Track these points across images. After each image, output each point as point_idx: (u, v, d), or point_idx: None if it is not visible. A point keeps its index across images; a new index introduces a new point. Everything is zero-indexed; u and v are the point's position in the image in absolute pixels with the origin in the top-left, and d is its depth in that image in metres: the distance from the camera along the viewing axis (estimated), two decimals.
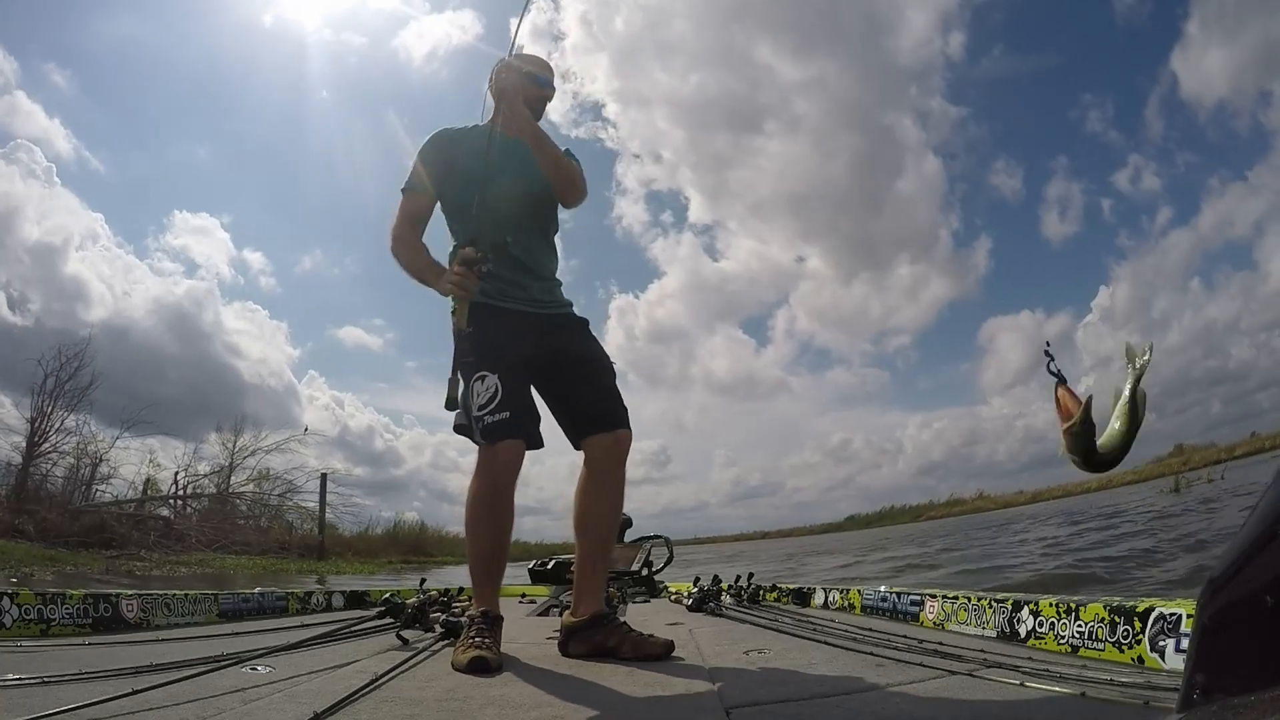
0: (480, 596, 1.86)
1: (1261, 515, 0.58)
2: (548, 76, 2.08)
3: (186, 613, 2.63)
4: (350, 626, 2.17)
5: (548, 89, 2.07)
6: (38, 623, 2.11)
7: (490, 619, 1.79)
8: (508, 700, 1.31)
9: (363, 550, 17.56)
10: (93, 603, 2.28)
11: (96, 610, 2.28)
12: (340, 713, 1.16)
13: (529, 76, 1.97)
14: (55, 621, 2.16)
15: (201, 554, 12.65)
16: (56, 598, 2.19)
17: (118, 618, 2.34)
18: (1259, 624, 0.56)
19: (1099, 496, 22.55)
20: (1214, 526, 7.23)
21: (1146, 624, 1.46)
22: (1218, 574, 0.62)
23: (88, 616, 2.25)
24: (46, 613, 2.14)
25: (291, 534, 16.36)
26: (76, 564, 9.66)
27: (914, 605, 2.41)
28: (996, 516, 24.90)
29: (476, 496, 1.83)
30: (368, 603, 3.40)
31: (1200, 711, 0.60)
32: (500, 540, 1.88)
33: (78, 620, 2.22)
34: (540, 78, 2.04)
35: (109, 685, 1.27)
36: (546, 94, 2.07)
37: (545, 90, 2.06)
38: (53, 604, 2.17)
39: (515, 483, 1.85)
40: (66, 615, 2.19)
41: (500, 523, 1.85)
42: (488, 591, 1.86)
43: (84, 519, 12.10)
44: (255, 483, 16.87)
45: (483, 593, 1.86)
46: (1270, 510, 0.57)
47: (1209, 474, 18.77)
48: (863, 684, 1.35)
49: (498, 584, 1.90)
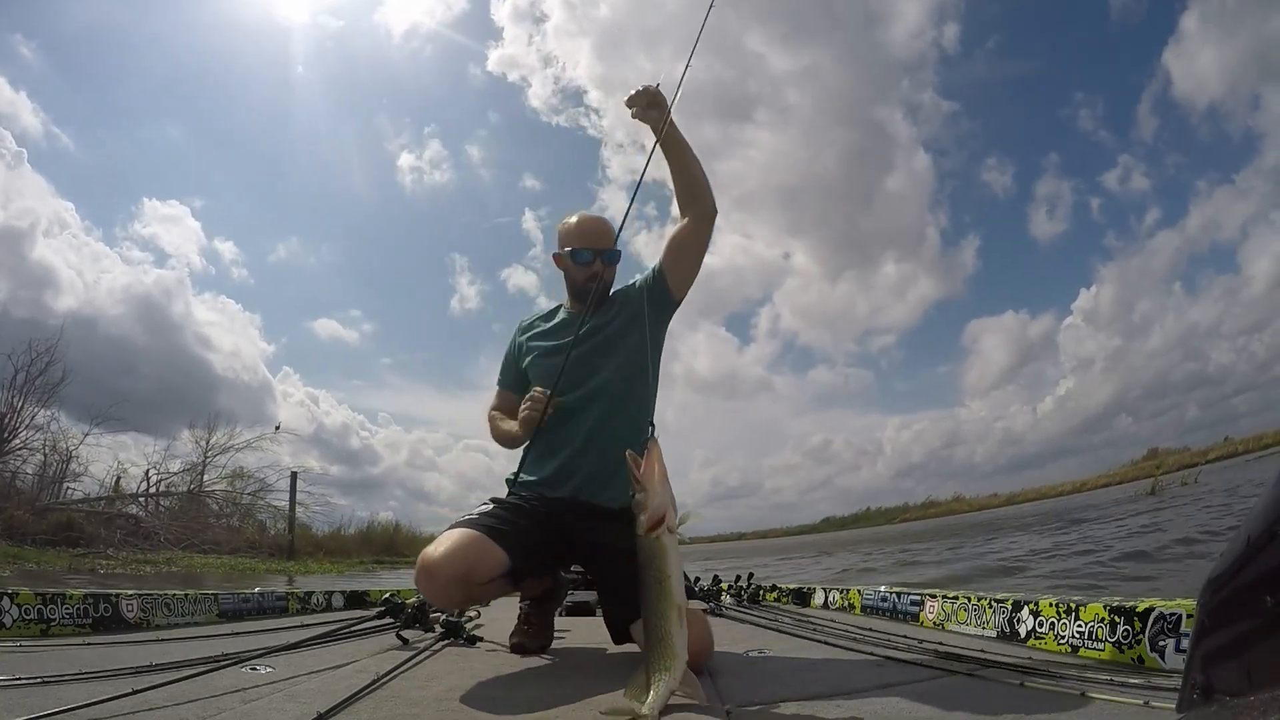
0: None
1: (1261, 515, 0.58)
2: (594, 247, 1.90)
3: (186, 613, 2.63)
4: (350, 626, 2.17)
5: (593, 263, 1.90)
6: (38, 623, 2.11)
7: (532, 601, 1.96)
8: (508, 700, 1.31)
9: (334, 550, 17.34)
10: (93, 603, 2.28)
11: (96, 610, 2.28)
12: (341, 713, 1.16)
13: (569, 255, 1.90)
14: (55, 621, 2.15)
15: (169, 553, 12.51)
16: (56, 598, 2.19)
17: (118, 618, 2.34)
18: (1259, 624, 0.56)
19: (1079, 499, 22.62)
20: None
21: (1146, 624, 1.46)
22: (1218, 574, 0.62)
23: (88, 616, 2.25)
24: (46, 613, 2.14)
25: (263, 533, 16.24)
26: (40, 562, 9.56)
27: (914, 605, 2.41)
28: (971, 519, 25.01)
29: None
30: (368, 603, 3.41)
31: (1200, 711, 0.60)
32: (463, 601, 1.92)
33: (78, 620, 2.22)
34: (581, 254, 1.89)
35: (109, 685, 1.27)
36: (593, 269, 1.89)
37: (591, 266, 1.89)
38: (53, 604, 2.16)
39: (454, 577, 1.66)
40: (66, 615, 2.19)
41: (441, 600, 1.85)
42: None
43: (51, 516, 11.95)
44: (228, 481, 16.68)
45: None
46: (1270, 510, 0.57)
47: (1183, 477, 18.95)
48: (863, 684, 1.35)
49: (498, 596, 1.90)
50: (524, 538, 1.74)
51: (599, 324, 1.88)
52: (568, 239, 1.93)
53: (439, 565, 1.64)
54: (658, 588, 1.23)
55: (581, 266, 1.89)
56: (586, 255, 1.89)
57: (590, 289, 1.88)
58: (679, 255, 1.91)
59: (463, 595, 1.75)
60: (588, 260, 1.89)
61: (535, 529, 1.77)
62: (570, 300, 1.99)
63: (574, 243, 1.91)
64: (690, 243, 1.91)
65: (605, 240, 1.92)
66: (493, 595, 1.86)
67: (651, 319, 1.91)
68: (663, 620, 1.22)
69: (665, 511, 1.25)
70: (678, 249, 1.91)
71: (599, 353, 1.86)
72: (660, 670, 1.17)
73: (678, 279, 1.92)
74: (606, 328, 1.88)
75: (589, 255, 1.89)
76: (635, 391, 1.87)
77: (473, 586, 1.70)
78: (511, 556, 1.70)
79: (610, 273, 1.92)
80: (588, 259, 1.89)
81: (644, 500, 1.26)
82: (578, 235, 1.92)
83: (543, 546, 1.79)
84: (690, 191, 1.88)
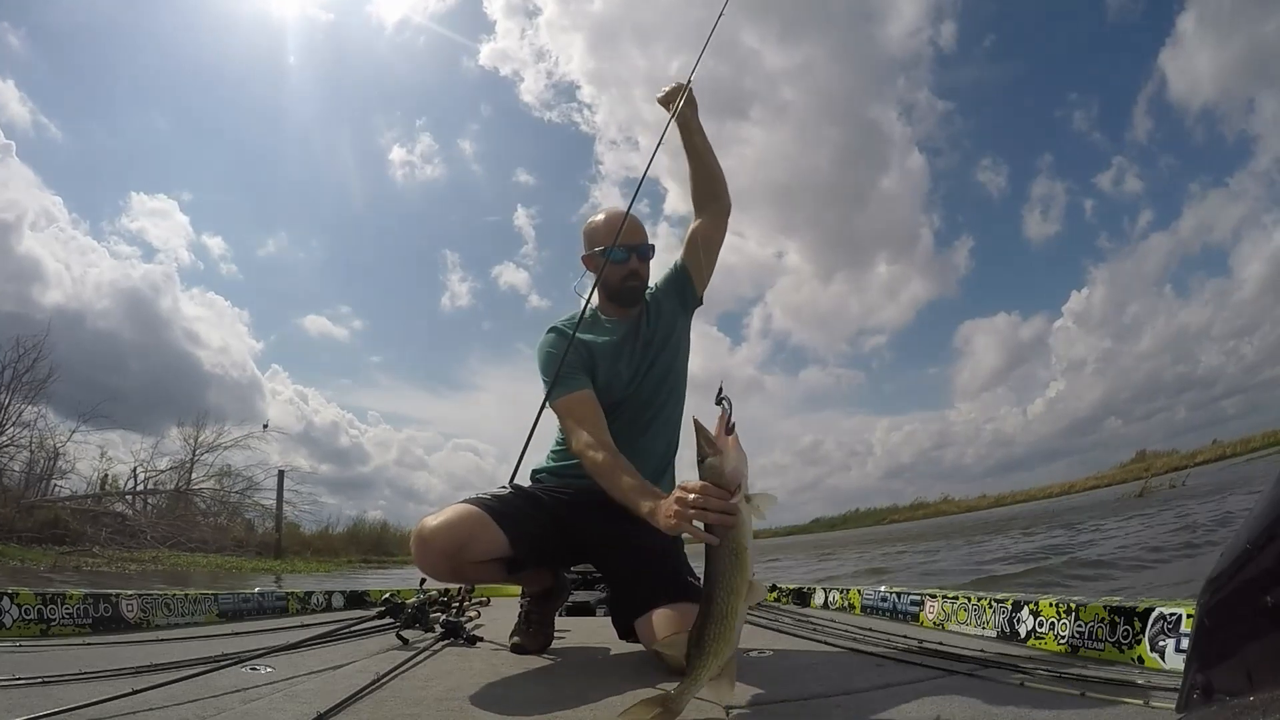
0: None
1: (1261, 515, 0.58)
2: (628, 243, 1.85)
3: (186, 613, 2.63)
4: (350, 626, 2.17)
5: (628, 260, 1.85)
6: (38, 623, 2.11)
7: (532, 600, 1.94)
8: (508, 700, 1.31)
9: (322, 549, 17.37)
10: (93, 603, 2.28)
11: (96, 610, 2.28)
12: (341, 713, 1.16)
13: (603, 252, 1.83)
14: (55, 621, 2.15)
15: (155, 551, 12.50)
16: (56, 598, 2.19)
17: (118, 618, 2.34)
18: (1259, 624, 0.56)
19: (1065, 500, 22.67)
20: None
21: (1146, 624, 1.46)
22: (1218, 574, 0.62)
23: (88, 616, 2.25)
24: (46, 613, 2.14)
25: (250, 532, 16.20)
26: (24, 559, 9.53)
27: (914, 605, 2.41)
28: (960, 519, 25.06)
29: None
30: (368, 603, 3.40)
31: (1200, 711, 0.60)
32: (451, 576, 1.84)
33: (78, 620, 2.22)
34: (616, 251, 1.83)
35: (109, 685, 1.27)
36: (630, 267, 1.85)
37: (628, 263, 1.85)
38: (53, 604, 2.16)
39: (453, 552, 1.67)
40: (66, 615, 2.19)
41: (435, 571, 1.77)
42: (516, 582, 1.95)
43: (38, 514, 11.98)
44: (216, 479, 16.68)
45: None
46: (1270, 510, 0.57)
47: (1171, 480, 19.09)
48: (863, 684, 1.35)
49: (490, 580, 1.89)
50: (529, 526, 1.72)
51: (648, 330, 1.87)
52: (598, 238, 1.86)
53: (433, 535, 1.64)
54: (733, 559, 1.11)
55: (617, 265, 1.83)
56: (622, 253, 1.82)
57: (626, 288, 1.84)
58: (702, 252, 1.90)
59: (452, 570, 1.72)
60: (623, 258, 1.83)
61: (545, 522, 1.76)
62: (603, 302, 1.91)
63: (607, 241, 1.83)
64: (715, 239, 1.91)
65: (639, 235, 1.87)
66: (485, 578, 1.83)
67: (683, 318, 1.93)
68: (733, 596, 1.09)
69: (741, 478, 1.13)
70: (700, 246, 1.90)
71: (652, 356, 1.87)
72: (716, 644, 1.07)
73: (701, 277, 1.92)
74: (656, 333, 1.87)
75: (624, 253, 1.83)
76: (676, 394, 1.88)
77: (464, 564, 1.68)
78: (512, 543, 1.68)
79: (645, 269, 1.87)
80: (623, 256, 1.83)
81: (719, 464, 1.14)
82: (609, 233, 1.84)
83: (547, 541, 1.78)
84: (710, 188, 1.88)
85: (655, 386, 1.86)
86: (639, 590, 1.65)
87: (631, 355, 1.85)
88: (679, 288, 1.93)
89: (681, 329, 1.93)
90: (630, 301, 1.89)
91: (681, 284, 1.93)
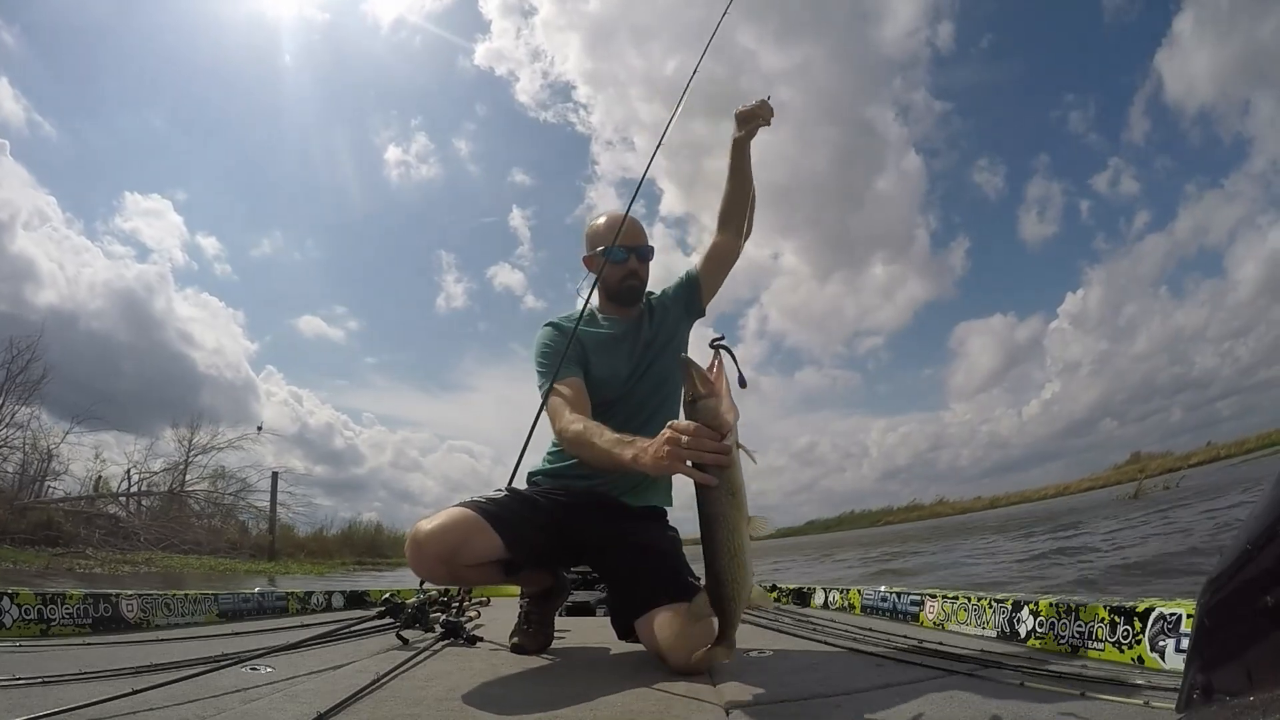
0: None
1: (1261, 515, 0.58)
2: (629, 244, 1.88)
3: (186, 613, 2.63)
4: (350, 626, 2.17)
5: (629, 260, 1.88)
6: (38, 623, 2.11)
7: (532, 600, 1.93)
8: (508, 700, 1.31)
9: (316, 551, 17.28)
10: (93, 603, 2.28)
11: (96, 610, 2.28)
12: (341, 713, 1.16)
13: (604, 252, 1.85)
14: (55, 621, 2.15)
15: (149, 553, 12.48)
16: (56, 598, 2.19)
17: (118, 618, 2.34)
18: (1259, 624, 0.56)
19: (1061, 502, 22.68)
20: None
21: (1146, 624, 1.46)
22: (1218, 574, 0.62)
23: (88, 616, 2.25)
24: (46, 613, 2.14)
25: (244, 534, 16.17)
26: (16, 561, 9.50)
27: (914, 605, 2.41)
28: (954, 521, 25.06)
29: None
30: (368, 603, 3.41)
31: (1200, 711, 0.60)
32: (446, 579, 1.87)
33: (78, 620, 2.22)
34: (616, 251, 1.86)
35: (109, 685, 1.27)
36: (629, 267, 1.88)
37: (627, 263, 1.88)
38: (53, 604, 2.16)
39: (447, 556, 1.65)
40: (66, 615, 2.19)
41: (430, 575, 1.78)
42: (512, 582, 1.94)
43: (31, 515, 11.92)
44: (210, 481, 16.61)
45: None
46: (1270, 510, 0.57)
47: (1165, 481, 19.19)
48: (863, 684, 1.34)
49: (486, 583, 1.91)
50: (524, 529, 1.72)
51: (649, 331, 1.90)
52: (599, 239, 1.91)
53: (428, 539, 1.64)
54: (730, 498, 1.13)
55: (617, 265, 1.87)
56: (621, 253, 1.87)
57: (625, 287, 1.88)
58: (717, 268, 1.96)
59: (447, 573, 1.74)
60: (623, 258, 1.87)
61: (542, 524, 1.76)
62: (603, 301, 1.96)
63: (607, 241, 1.87)
64: (730, 258, 1.96)
65: (639, 236, 1.92)
66: (482, 580, 1.85)
67: (685, 325, 1.96)
68: (735, 533, 1.12)
69: (732, 419, 1.15)
70: (717, 262, 1.95)
71: (651, 357, 1.89)
72: (735, 578, 1.10)
73: (710, 290, 1.97)
74: (657, 335, 1.90)
75: (623, 253, 1.87)
76: (672, 399, 1.89)
77: (459, 567, 1.69)
78: (507, 545, 1.69)
79: (645, 269, 1.91)
80: (623, 256, 1.87)
81: (714, 405, 1.14)
82: (609, 234, 1.88)
83: (544, 543, 1.78)
84: (740, 211, 1.90)
85: (652, 388, 1.88)
86: (638, 590, 1.66)
87: (631, 353, 1.88)
88: (687, 296, 1.97)
89: (682, 335, 1.96)
90: (629, 301, 1.93)
91: (691, 293, 1.97)
